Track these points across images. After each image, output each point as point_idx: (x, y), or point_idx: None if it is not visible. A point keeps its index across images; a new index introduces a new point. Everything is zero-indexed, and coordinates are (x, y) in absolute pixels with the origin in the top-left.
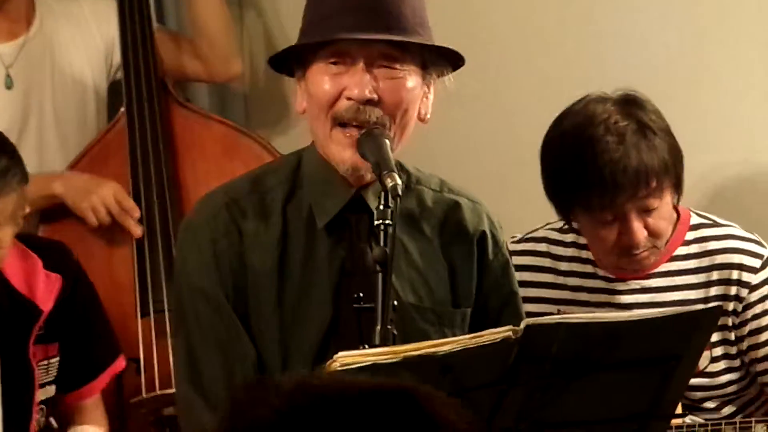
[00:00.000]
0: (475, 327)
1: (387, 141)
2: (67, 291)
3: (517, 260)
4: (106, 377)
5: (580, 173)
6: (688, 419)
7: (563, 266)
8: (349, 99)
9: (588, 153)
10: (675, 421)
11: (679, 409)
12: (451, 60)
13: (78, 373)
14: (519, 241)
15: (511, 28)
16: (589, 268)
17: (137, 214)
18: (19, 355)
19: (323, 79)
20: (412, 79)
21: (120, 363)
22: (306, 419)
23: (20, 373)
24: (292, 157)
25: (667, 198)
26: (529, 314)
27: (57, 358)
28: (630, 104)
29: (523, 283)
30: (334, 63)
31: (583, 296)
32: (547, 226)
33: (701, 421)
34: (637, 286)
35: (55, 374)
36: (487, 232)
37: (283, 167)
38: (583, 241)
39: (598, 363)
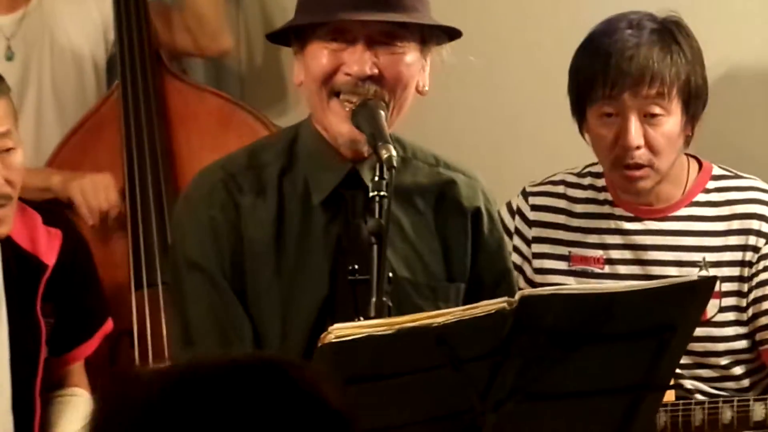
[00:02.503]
0: (470, 303)
1: (382, 112)
2: (68, 249)
3: (533, 200)
4: (98, 338)
5: (593, 62)
6: (689, 383)
7: (578, 208)
8: (347, 75)
9: (604, 43)
10: (671, 398)
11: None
12: (449, 32)
13: (72, 334)
14: (537, 184)
15: (505, 2)
16: (606, 209)
17: (115, 212)
18: (28, 311)
19: (322, 54)
20: (411, 55)
21: (109, 324)
22: (176, 402)
23: (28, 330)
24: (288, 131)
25: (674, 116)
26: (543, 255)
27: (51, 320)
28: (665, 19)
29: (538, 223)
30: (334, 40)
31: (597, 238)
32: (566, 171)
33: (704, 387)
34: (654, 228)
35: (47, 336)
36: (482, 208)
37: (279, 141)
38: (600, 183)
39: (593, 334)
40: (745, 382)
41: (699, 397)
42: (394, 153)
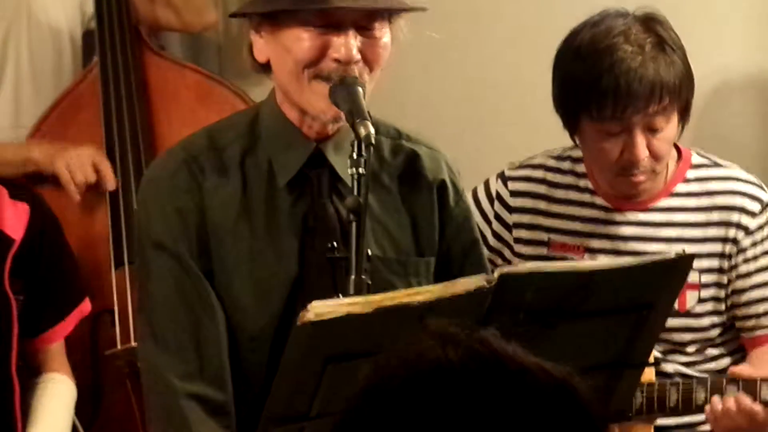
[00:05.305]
0: (439, 275)
1: (360, 89)
2: (37, 224)
3: (512, 186)
4: (74, 319)
5: (595, 80)
6: (671, 367)
7: (559, 194)
8: (335, 61)
9: (605, 60)
10: (647, 378)
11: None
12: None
13: (45, 314)
14: (516, 168)
15: None
16: (586, 197)
17: (112, 186)
18: None
19: (304, 37)
20: (387, 36)
21: (87, 305)
22: (479, 378)
23: None
24: (248, 112)
25: (673, 122)
26: (523, 240)
27: (21, 297)
28: (650, 20)
29: (518, 209)
30: (322, 25)
31: (577, 225)
32: (545, 153)
33: (684, 370)
34: (634, 219)
35: (18, 312)
36: (447, 180)
37: (239, 122)
38: (580, 169)
39: (571, 312)
40: (725, 362)
41: (678, 379)
42: (372, 130)
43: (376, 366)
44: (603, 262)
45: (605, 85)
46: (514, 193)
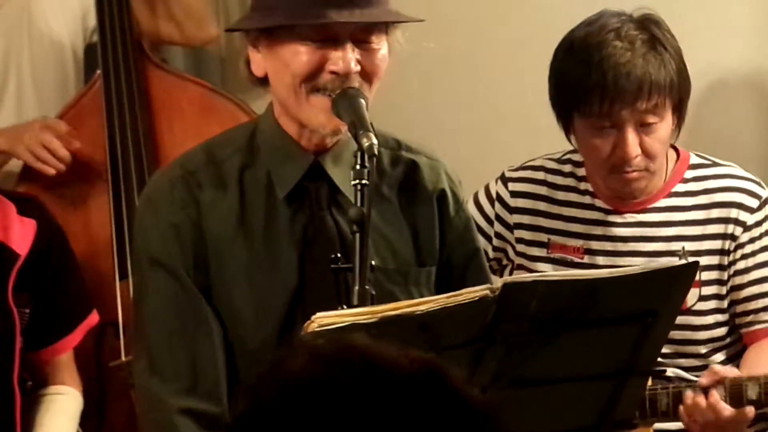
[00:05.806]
0: (440, 284)
1: (362, 101)
2: (43, 239)
3: (513, 186)
4: (81, 331)
5: (584, 75)
6: (670, 371)
7: (560, 195)
8: (332, 73)
9: (594, 56)
10: (648, 383)
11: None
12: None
13: (54, 326)
14: (516, 169)
15: None
16: (586, 199)
17: (64, 127)
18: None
19: (302, 51)
20: (384, 47)
21: (94, 317)
22: (349, 384)
23: (1, 319)
24: (245, 127)
25: (667, 120)
26: (524, 241)
27: (27, 310)
28: (645, 20)
29: (518, 210)
30: (320, 39)
31: (578, 227)
32: (545, 156)
33: (684, 375)
34: (633, 220)
35: (23, 325)
36: (447, 189)
37: (238, 136)
38: (581, 172)
39: (576, 320)
40: None
41: (668, 383)
42: (375, 141)
43: (249, 390)
44: (607, 270)
45: (594, 80)
46: (515, 194)
